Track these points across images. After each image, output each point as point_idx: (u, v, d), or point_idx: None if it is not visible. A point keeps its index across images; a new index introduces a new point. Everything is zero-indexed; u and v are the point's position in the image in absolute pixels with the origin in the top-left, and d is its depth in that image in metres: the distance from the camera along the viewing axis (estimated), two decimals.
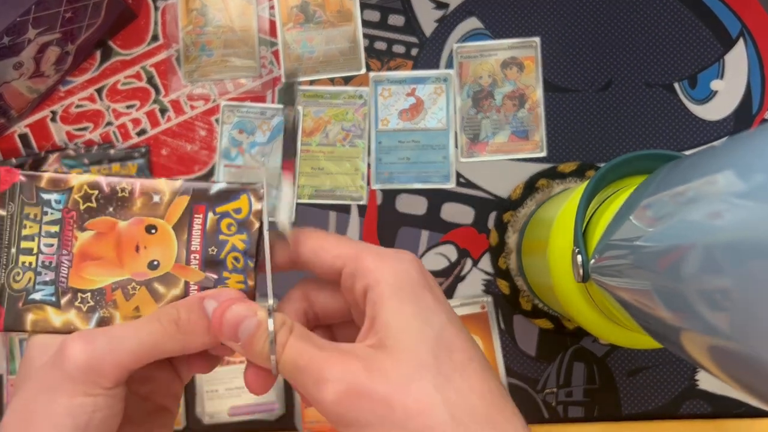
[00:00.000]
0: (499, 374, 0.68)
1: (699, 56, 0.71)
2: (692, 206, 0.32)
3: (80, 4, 0.62)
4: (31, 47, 0.61)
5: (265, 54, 0.71)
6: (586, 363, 0.68)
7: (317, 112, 0.70)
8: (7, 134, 0.70)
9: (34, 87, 0.67)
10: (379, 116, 0.70)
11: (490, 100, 0.70)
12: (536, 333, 0.69)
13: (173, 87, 0.70)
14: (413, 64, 0.71)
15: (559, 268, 0.51)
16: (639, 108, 0.70)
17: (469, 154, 0.70)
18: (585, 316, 0.50)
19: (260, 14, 0.71)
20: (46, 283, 0.35)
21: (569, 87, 0.70)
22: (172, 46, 0.71)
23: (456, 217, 0.70)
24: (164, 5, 0.71)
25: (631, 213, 0.39)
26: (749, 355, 0.28)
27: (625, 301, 0.39)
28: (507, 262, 0.68)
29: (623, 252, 0.39)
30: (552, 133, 0.70)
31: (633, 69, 0.71)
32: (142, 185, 0.36)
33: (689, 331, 0.32)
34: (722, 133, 0.70)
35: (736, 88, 0.70)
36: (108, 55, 0.71)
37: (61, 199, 0.35)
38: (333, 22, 0.71)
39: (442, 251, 0.69)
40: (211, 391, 0.68)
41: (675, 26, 0.71)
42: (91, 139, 0.70)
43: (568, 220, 0.49)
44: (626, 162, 0.48)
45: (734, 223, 0.28)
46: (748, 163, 0.29)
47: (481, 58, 0.70)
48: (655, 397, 0.68)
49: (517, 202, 0.68)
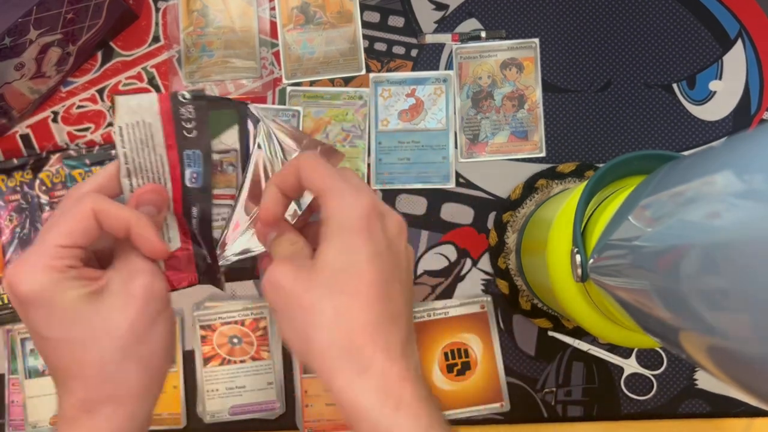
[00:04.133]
0: (499, 374, 0.68)
1: (698, 57, 0.71)
2: (691, 206, 0.32)
3: (81, 5, 0.62)
4: (32, 48, 0.61)
5: (266, 55, 0.71)
6: (585, 362, 0.69)
7: (317, 112, 0.70)
8: (8, 135, 0.71)
9: (36, 88, 0.67)
10: (379, 117, 0.70)
11: (489, 101, 0.70)
12: (535, 332, 0.69)
13: (174, 88, 0.71)
14: (413, 64, 0.71)
15: (558, 267, 0.51)
16: (638, 108, 0.70)
17: (468, 155, 0.70)
18: (584, 315, 0.50)
19: (261, 15, 0.71)
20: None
21: (568, 88, 0.71)
22: (173, 47, 0.71)
23: (456, 217, 0.70)
24: (165, 6, 0.71)
25: (630, 213, 0.39)
26: (748, 354, 0.28)
27: (623, 300, 0.40)
28: (506, 262, 0.68)
29: (622, 252, 0.39)
30: (551, 133, 0.70)
31: (632, 70, 0.71)
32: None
33: (688, 330, 0.32)
34: (721, 133, 0.70)
35: (734, 88, 0.71)
36: (109, 56, 0.71)
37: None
38: (333, 23, 0.71)
39: (441, 251, 0.70)
40: (212, 391, 0.68)
41: (674, 27, 0.71)
42: (92, 139, 0.70)
43: (567, 220, 0.49)
44: (625, 162, 0.48)
45: (733, 223, 0.28)
46: (746, 164, 0.29)
47: (480, 58, 0.71)
48: (654, 396, 0.68)
49: (517, 202, 0.69)
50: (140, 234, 0.39)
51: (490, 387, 0.68)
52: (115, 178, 0.41)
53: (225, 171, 0.43)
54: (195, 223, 0.43)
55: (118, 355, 0.38)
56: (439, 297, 0.69)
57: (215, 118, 0.42)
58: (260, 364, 0.68)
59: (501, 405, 0.68)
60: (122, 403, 0.39)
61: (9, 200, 0.69)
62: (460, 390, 0.68)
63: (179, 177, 0.42)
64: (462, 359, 0.68)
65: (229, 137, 0.43)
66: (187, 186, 0.42)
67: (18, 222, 0.68)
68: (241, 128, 0.43)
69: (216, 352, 0.68)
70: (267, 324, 0.68)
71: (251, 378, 0.68)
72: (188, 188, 0.43)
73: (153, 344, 0.40)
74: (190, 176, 0.42)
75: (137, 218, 0.39)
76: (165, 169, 0.42)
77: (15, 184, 0.69)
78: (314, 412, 0.68)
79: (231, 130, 0.42)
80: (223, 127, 0.42)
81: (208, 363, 0.68)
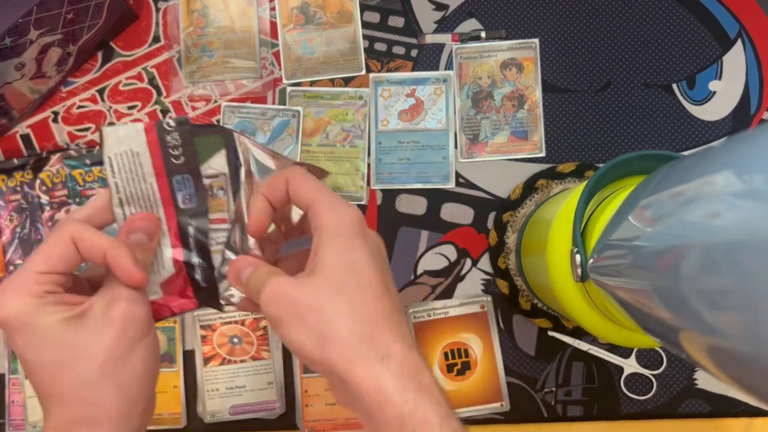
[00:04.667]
0: (499, 374, 0.68)
1: (697, 57, 0.71)
2: (691, 206, 0.32)
3: (82, 6, 0.62)
4: (32, 48, 0.61)
5: (266, 55, 0.71)
6: (585, 362, 0.69)
7: (317, 112, 0.70)
8: (8, 135, 0.71)
9: (36, 88, 0.67)
10: (379, 117, 0.70)
11: (489, 101, 0.71)
12: (535, 332, 0.69)
13: (174, 88, 0.71)
14: (413, 65, 0.71)
15: (558, 267, 0.51)
16: (638, 109, 0.70)
17: (468, 155, 0.70)
18: (584, 315, 0.51)
19: (261, 15, 0.71)
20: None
21: (568, 88, 0.71)
22: (173, 47, 0.71)
23: (455, 217, 0.70)
24: (165, 6, 0.71)
25: (630, 213, 0.39)
26: (748, 354, 0.28)
27: (623, 300, 0.40)
28: (506, 262, 0.68)
29: (622, 252, 0.39)
30: (551, 133, 0.70)
31: (632, 70, 0.71)
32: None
33: (688, 330, 0.32)
34: (720, 133, 0.70)
35: (734, 88, 0.71)
36: (109, 56, 0.71)
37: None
38: (333, 23, 0.71)
39: (441, 251, 0.70)
40: (212, 390, 0.68)
41: (673, 27, 0.71)
42: (92, 139, 0.70)
43: (567, 220, 0.50)
44: (625, 162, 0.49)
45: (733, 223, 0.28)
46: (746, 164, 0.29)
47: (480, 59, 0.71)
48: (653, 396, 0.68)
49: (517, 202, 0.69)
50: (115, 260, 0.40)
51: (490, 387, 0.68)
52: (107, 208, 0.42)
53: (216, 196, 0.43)
54: (192, 244, 0.44)
55: (95, 379, 0.39)
56: (439, 297, 0.69)
57: (202, 144, 0.43)
58: (260, 364, 0.68)
59: (501, 405, 0.68)
60: (98, 427, 0.39)
61: (9, 200, 0.69)
62: (460, 390, 0.68)
63: (171, 201, 0.43)
64: (462, 359, 0.68)
65: (217, 162, 0.43)
66: (180, 208, 0.43)
67: (18, 222, 0.68)
68: (228, 152, 0.43)
69: (216, 352, 0.68)
70: (267, 324, 0.68)
71: (251, 378, 0.68)
72: (182, 209, 0.43)
73: (132, 369, 0.40)
74: (182, 199, 0.43)
75: (112, 246, 0.40)
76: (156, 196, 0.42)
77: (15, 184, 0.69)
78: (314, 412, 0.68)
79: (218, 154, 0.43)
80: (211, 152, 0.43)
81: (208, 363, 0.68)
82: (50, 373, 0.39)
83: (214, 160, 0.43)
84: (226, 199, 0.44)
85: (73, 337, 0.39)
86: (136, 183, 0.42)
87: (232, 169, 0.43)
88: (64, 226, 0.40)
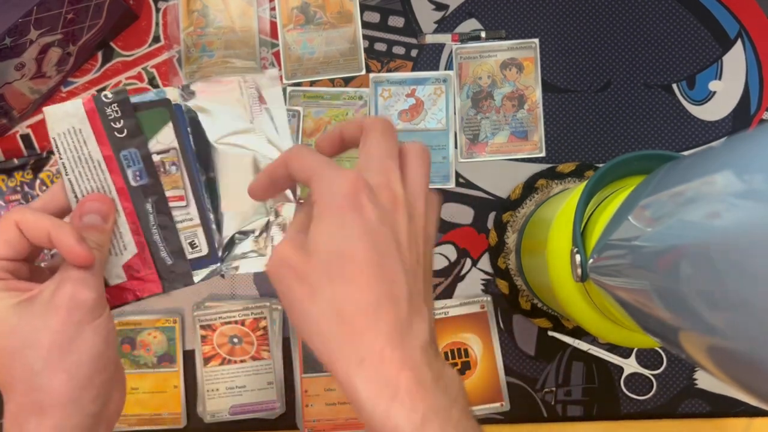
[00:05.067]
0: (499, 373, 0.68)
1: (697, 57, 0.71)
2: (691, 206, 0.32)
3: (82, 6, 0.62)
4: (32, 48, 0.61)
5: (266, 55, 0.71)
6: (585, 362, 0.69)
7: (317, 112, 0.70)
8: (8, 135, 0.71)
9: (36, 88, 0.67)
10: None
11: (489, 101, 0.71)
12: (535, 332, 0.69)
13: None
14: (413, 65, 0.71)
15: (558, 267, 0.51)
16: (638, 109, 0.70)
17: (468, 155, 0.70)
18: (584, 315, 0.51)
19: (261, 15, 0.71)
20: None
21: (568, 88, 0.71)
22: (173, 47, 0.71)
23: (455, 217, 0.70)
24: (165, 6, 0.71)
25: (630, 213, 0.39)
26: (748, 354, 0.28)
27: (623, 300, 0.40)
28: (506, 262, 0.68)
29: (622, 252, 0.39)
30: (551, 133, 0.70)
31: (631, 70, 0.71)
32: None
33: (688, 330, 0.32)
34: (720, 133, 0.70)
35: (734, 88, 0.71)
36: (109, 56, 0.71)
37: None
38: (333, 23, 0.71)
39: (441, 251, 0.70)
40: (212, 391, 0.68)
41: (673, 27, 0.71)
42: None
43: (567, 220, 0.50)
44: (625, 162, 0.49)
45: (733, 223, 0.28)
46: (746, 164, 0.29)
47: (480, 59, 0.71)
48: (653, 396, 0.68)
49: (517, 202, 0.69)
50: (58, 240, 0.39)
51: (490, 387, 0.68)
52: (60, 194, 0.42)
53: (169, 172, 0.42)
54: (153, 221, 0.43)
55: (41, 365, 0.38)
56: (439, 297, 0.69)
57: (146, 118, 0.42)
58: (260, 364, 0.68)
59: (501, 405, 0.68)
60: (47, 414, 0.38)
61: (9, 200, 0.69)
62: None
63: (122, 180, 0.42)
64: (462, 359, 0.68)
65: (166, 136, 0.42)
66: (132, 186, 0.42)
67: None
68: (176, 124, 0.42)
69: (216, 352, 0.68)
70: (267, 324, 0.68)
71: (251, 378, 0.68)
72: (134, 188, 0.42)
73: (80, 354, 0.39)
74: (133, 176, 0.42)
75: (55, 225, 0.39)
76: (106, 176, 0.42)
77: (15, 184, 0.69)
78: (314, 412, 0.68)
79: (166, 127, 0.42)
80: (157, 127, 0.42)
81: (208, 363, 0.68)
82: (2, 362, 0.39)
83: (161, 135, 0.42)
84: (180, 175, 0.43)
85: (19, 322, 0.39)
86: (83, 162, 0.41)
87: (182, 142, 0.42)
88: (9, 213, 0.40)
